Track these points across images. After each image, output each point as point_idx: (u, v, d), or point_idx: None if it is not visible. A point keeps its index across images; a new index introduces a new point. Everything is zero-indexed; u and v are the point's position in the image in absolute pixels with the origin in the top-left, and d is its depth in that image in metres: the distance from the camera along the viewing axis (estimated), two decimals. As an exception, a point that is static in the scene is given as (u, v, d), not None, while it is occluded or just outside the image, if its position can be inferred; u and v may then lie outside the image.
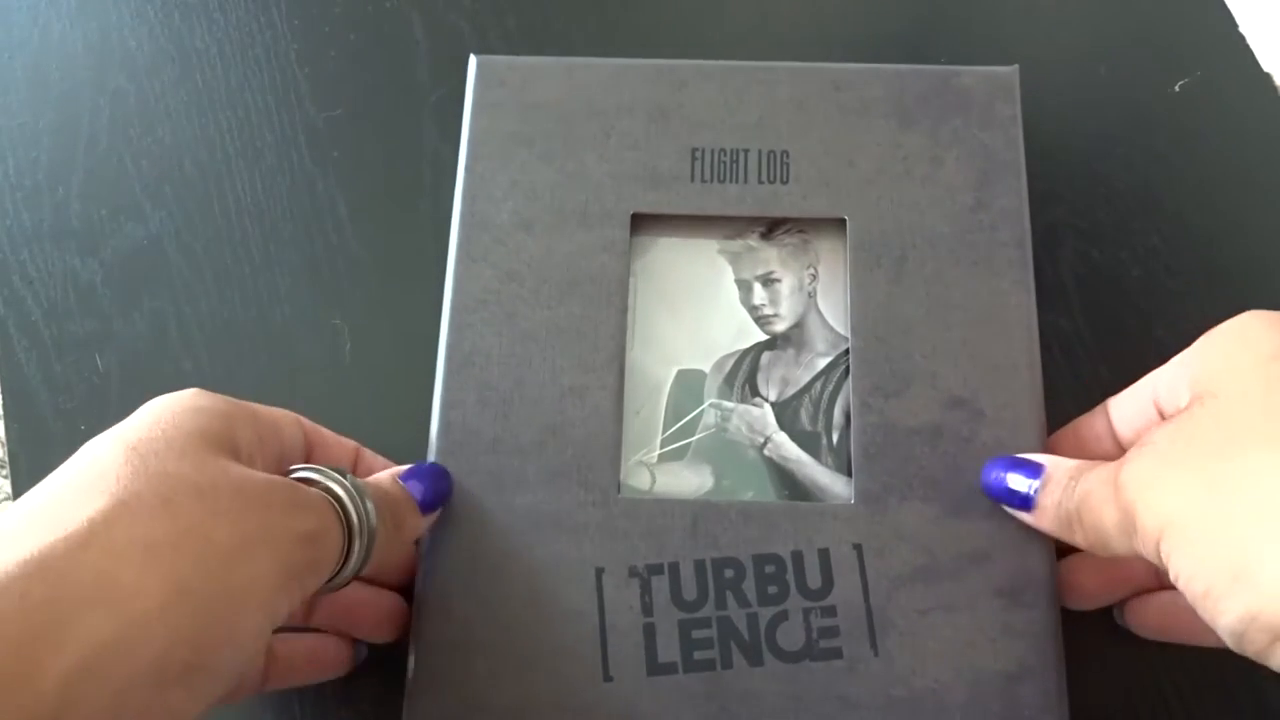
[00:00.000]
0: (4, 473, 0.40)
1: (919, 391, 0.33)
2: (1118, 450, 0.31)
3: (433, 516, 0.31)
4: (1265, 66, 0.44)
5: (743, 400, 0.34)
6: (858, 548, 0.31)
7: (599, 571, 0.31)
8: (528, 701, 0.30)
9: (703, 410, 0.34)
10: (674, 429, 0.34)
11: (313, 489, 0.27)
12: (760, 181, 0.35)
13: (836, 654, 0.30)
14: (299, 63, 0.45)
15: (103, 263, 0.42)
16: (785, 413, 0.34)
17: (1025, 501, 0.30)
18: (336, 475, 0.27)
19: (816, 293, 0.36)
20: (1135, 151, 0.42)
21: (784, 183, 0.35)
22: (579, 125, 0.36)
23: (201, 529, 0.23)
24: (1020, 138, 0.36)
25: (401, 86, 0.45)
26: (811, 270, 0.36)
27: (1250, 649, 0.23)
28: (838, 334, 0.35)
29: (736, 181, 0.35)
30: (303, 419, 0.31)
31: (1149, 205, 0.41)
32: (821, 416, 0.34)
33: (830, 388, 0.34)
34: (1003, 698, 0.30)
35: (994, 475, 0.31)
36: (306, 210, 0.42)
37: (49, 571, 0.21)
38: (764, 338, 0.35)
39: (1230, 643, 0.23)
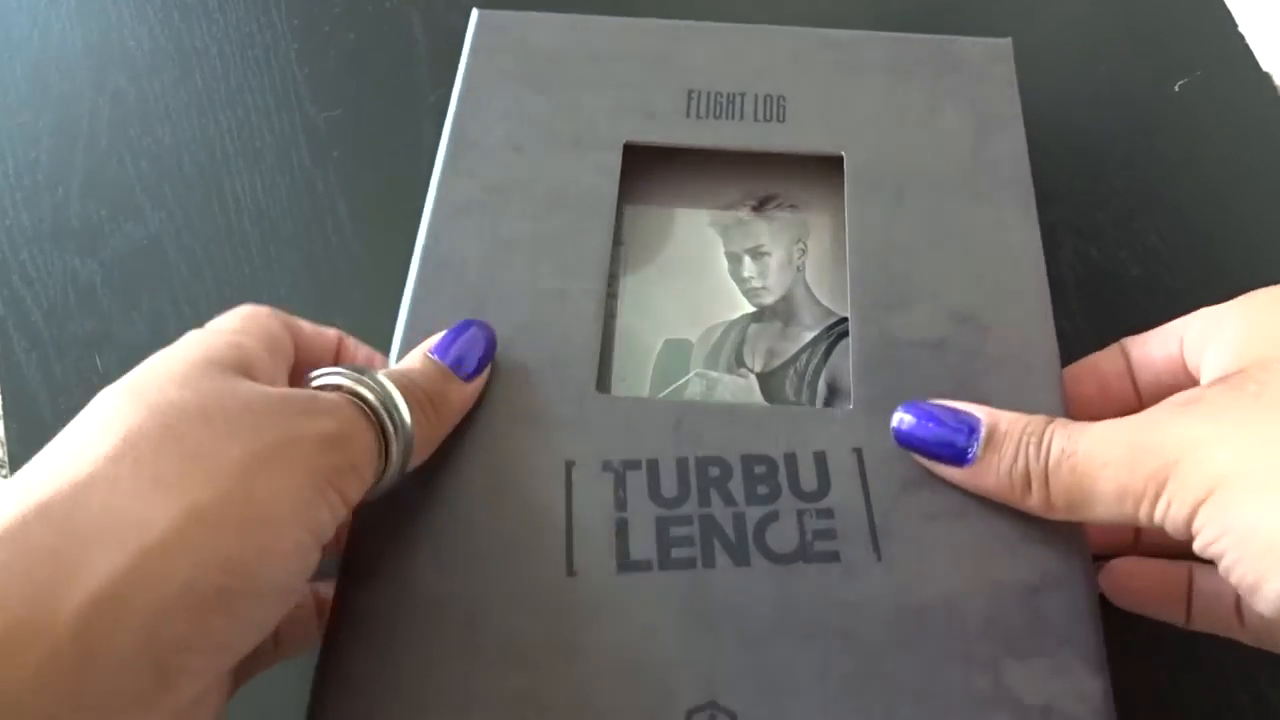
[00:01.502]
0: (4, 473, 0.40)
1: (921, 308, 0.31)
2: (1134, 390, 0.30)
3: (481, 379, 0.29)
4: (1265, 66, 0.44)
5: (728, 371, 0.35)
6: (858, 452, 0.29)
7: (569, 465, 0.29)
8: (476, 592, 0.27)
9: (688, 379, 0.34)
10: (659, 396, 0.34)
11: (332, 393, 0.26)
12: (756, 120, 0.35)
13: (834, 557, 0.27)
14: (299, 63, 0.45)
15: (103, 263, 0.42)
16: (770, 384, 0.34)
17: (959, 456, 0.27)
18: (352, 373, 0.26)
19: (805, 267, 0.36)
20: (1135, 151, 0.42)
21: (780, 121, 0.35)
22: (575, 67, 0.36)
23: (210, 451, 0.22)
24: (1017, 97, 0.36)
25: (401, 86, 0.45)
26: (801, 245, 0.36)
27: None
28: (825, 308, 0.35)
29: (733, 119, 0.35)
30: (277, 312, 0.30)
31: (1149, 204, 0.41)
32: (806, 388, 0.34)
33: (815, 361, 0.34)
34: (1026, 610, 0.27)
35: (908, 421, 0.28)
36: (306, 210, 0.42)
37: (51, 516, 0.20)
38: (752, 310, 0.35)
39: (1269, 609, 0.22)
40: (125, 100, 0.45)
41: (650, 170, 0.37)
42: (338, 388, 0.26)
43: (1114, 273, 0.40)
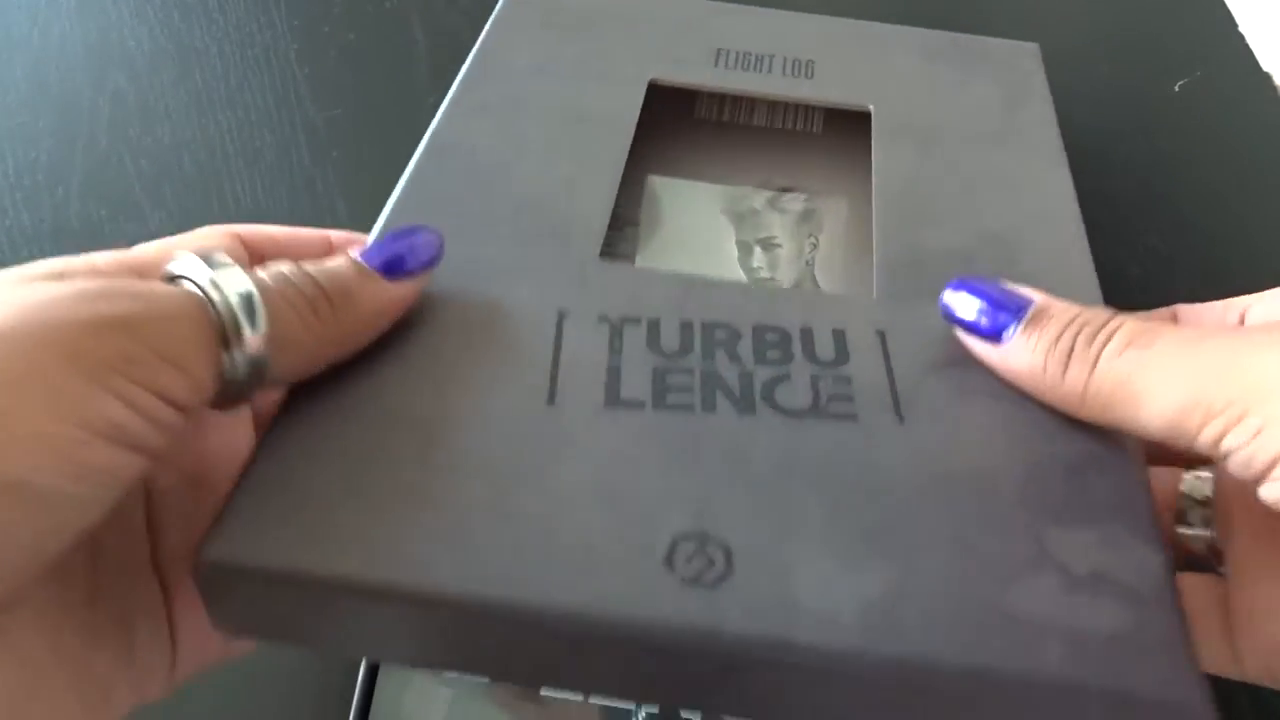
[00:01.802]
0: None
1: (948, 226, 0.30)
2: None
3: (411, 283, 0.26)
4: (1265, 66, 0.44)
5: None
6: (881, 334, 0.27)
7: (560, 314, 0.26)
8: (439, 409, 0.24)
9: None
10: None
11: (170, 284, 0.23)
12: (784, 75, 0.36)
13: (850, 418, 0.24)
14: (299, 63, 0.45)
15: (103, 263, 0.42)
16: None
17: (995, 333, 0.25)
18: (198, 262, 0.23)
19: (815, 262, 0.36)
20: (1135, 151, 0.42)
21: (809, 78, 0.36)
22: (606, 22, 0.38)
23: None
24: (1045, 83, 0.36)
25: (401, 86, 0.45)
26: (813, 240, 0.36)
27: None
28: None
29: (760, 72, 0.36)
30: (240, 230, 0.27)
31: (1149, 205, 0.41)
32: None
33: None
34: (1068, 485, 0.24)
35: (958, 300, 0.26)
36: (306, 210, 0.42)
37: None
38: None
39: None
40: (125, 100, 0.45)
41: (671, 141, 0.38)
42: (183, 277, 0.23)
43: (1114, 273, 0.40)
